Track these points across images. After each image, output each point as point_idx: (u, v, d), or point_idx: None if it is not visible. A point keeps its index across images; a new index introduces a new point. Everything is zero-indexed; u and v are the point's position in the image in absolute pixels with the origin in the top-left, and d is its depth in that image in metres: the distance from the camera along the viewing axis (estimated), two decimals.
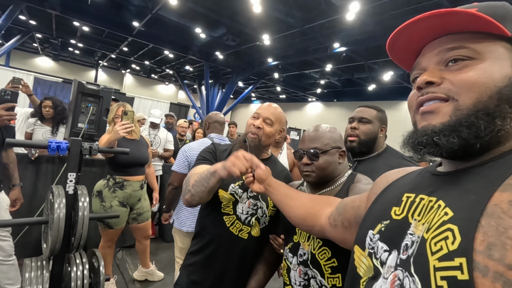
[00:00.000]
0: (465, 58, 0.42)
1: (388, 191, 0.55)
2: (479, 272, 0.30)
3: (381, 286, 0.44)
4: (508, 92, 0.40)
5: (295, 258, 0.95)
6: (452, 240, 0.34)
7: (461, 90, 0.41)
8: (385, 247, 0.47)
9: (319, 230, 0.77)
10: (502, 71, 0.40)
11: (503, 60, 0.41)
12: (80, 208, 1.31)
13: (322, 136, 0.99)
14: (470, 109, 0.40)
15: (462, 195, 0.38)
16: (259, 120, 1.19)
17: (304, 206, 0.81)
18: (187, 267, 1.20)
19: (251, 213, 1.17)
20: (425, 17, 0.43)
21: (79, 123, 1.83)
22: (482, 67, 0.41)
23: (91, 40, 11.98)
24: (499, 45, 0.42)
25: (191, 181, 1.02)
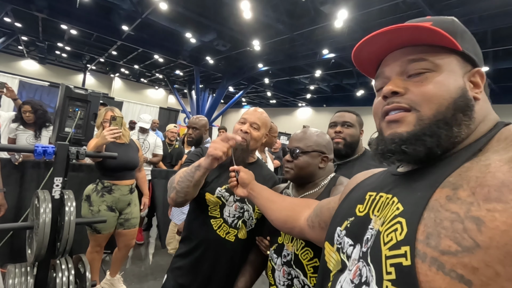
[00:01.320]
0: (425, 70, 0.46)
1: (355, 191, 0.59)
2: (419, 258, 0.35)
3: (345, 277, 0.48)
4: (461, 102, 0.44)
5: (279, 258, 0.98)
6: (400, 231, 0.39)
7: (422, 102, 0.45)
8: (350, 242, 0.51)
9: (298, 232, 0.80)
10: (456, 83, 0.44)
11: (456, 73, 0.45)
12: (67, 213, 1.30)
13: (307, 138, 1.04)
14: (431, 119, 0.44)
15: (411, 192, 0.42)
16: (246, 125, 1.22)
17: (285, 209, 0.85)
18: (174, 271, 1.21)
19: (237, 216, 1.19)
20: (385, 31, 0.46)
21: (66, 128, 1.81)
22: (440, 80, 0.45)
23: (79, 44, 11.81)
24: (452, 58, 0.46)
25: (176, 179, 1.06)
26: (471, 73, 0.46)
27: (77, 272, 1.42)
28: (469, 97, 0.44)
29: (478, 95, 0.46)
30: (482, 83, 0.46)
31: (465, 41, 0.47)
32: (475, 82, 0.46)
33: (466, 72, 0.46)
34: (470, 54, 0.46)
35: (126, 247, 2.18)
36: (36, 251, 1.24)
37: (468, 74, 0.46)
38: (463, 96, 0.44)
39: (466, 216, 0.33)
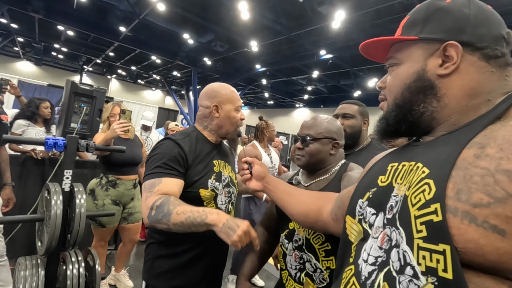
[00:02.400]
0: (393, 64, 0.56)
1: (376, 166, 0.61)
2: (450, 213, 0.37)
3: (371, 245, 0.50)
4: (415, 85, 0.51)
5: (291, 243, 1.00)
6: (429, 191, 0.40)
7: (387, 92, 0.58)
8: (373, 211, 0.53)
9: (321, 226, 0.79)
10: (411, 70, 0.52)
11: (415, 60, 0.52)
12: (77, 205, 1.31)
13: (318, 125, 1.04)
14: (391, 104, 0.56)
15: (436, 156, 0.45)
16: (242, 112, 1.24)
17: (305, 203, 0.83)
18: (161, 275, 1.07)
19: (227, 201, 1.19)
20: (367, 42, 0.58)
21: (72, 123, 1.82)
22: (397, 72, 0.55)
23: (75, 45, 11.76)
24: (414, 47, 0.52)
25: (176, 217, 0.88)
26: (439, 50, 0.49)
27: (86, 265, 1.43)
28: (426, 78, 0.50)
29: (446, 70, 0.48)
30: (456, 55, 0.47)
31: (430, 24, 0.50)
32: (449, 56, 0.48)
33: (433, 53, 0.50)
34: (431, 36, 0.50)
35: (131, 242, 2.20)
36: (47, 242, 1.25)
37: (437, 52, 0.49)
38: (418, 80, 0.51)
39: (497, 170, 0.35)
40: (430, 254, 0.37)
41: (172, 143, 1.07)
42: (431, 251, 0.37)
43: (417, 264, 0.38)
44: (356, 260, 0.53)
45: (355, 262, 0.53)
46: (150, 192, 0.96)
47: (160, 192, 0.95)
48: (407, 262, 0.40)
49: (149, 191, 0.96)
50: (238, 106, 1.20)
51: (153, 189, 0.96)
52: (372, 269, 0.47)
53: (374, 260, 0.47)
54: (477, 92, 0.47)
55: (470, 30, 0.47)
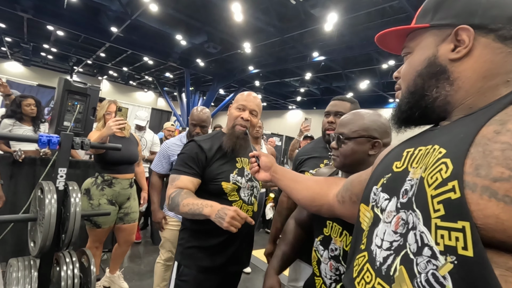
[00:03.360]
0: (407, 54, 0.57)
1: (391, 153, 0.61)
2: (469, 189, 0.36)
3: (384, 230, 0.49)
4: (427, 71, 0.52)
5: (326, 251, 0.93)
6: (445, 170, 0.39)
7: (401, 81, 0.58)
8: (386, 196, 0.52)
9: (327, 209, 0.80)
10: (422, 57, 0.53)
11: (426, 47, 0.52)
12: (72, 204, 1.27)
13: (353, 123, 0.93)
14: (405, 92, 0.56)
15: (453, 137, 0.44)
16: (246, 113, 1.26)
17: (311, 188, 0.85)
18: (194, 256, 1.22)
19: (250, 193, 1.32)
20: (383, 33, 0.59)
21: (65, 122, 1.78)
22: (409, 60, 0.56)
23: (65, 45, 11.57)
24: (425, 35, 0.53)
25: (182, 208, 1.09)
26: (451, 36, 0.49)
27: (81, 265, 1.40)
28: (437, 63, 0.50)
29: (457, 54, 0.48)
30: (468, 38, 0.47)
31: (441, 10, 0.51)
32: (461, 40, 0.48)
33: (445, 38, 0.50)
34: (442, 22, 0.50)
35: (126, 243, 2.14)
36: (41, 243, 1.21)
37: (449, 38, 0.49)
38: (429, 66, 0.51)
39: None
40: (448, 233, 0.36)
41: (194, 145, 1.24)
42: (450, 229, 0.36)
43: (435, 244, 0.38)
44: (369, 247, 0.52)
45: (368, 248, 0.52)
46: (171, 185, 1.19)
47: (177, 186, 1.17)
48: (425, 243, 0.39)
49: (170, 184, 1.19)
50: (239, 104, 1.28)
51: (173, 183, 1.18)
52: (387, 254, 0.46)
53: (389, 245, 0.46)
54: (493, 74, 0.46)
55: (482, 13, 0.47)
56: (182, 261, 1.24)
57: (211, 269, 1.22)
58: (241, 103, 1.27)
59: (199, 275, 1.20)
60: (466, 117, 0.47)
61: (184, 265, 1.23)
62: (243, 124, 1.25)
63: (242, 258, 1.30)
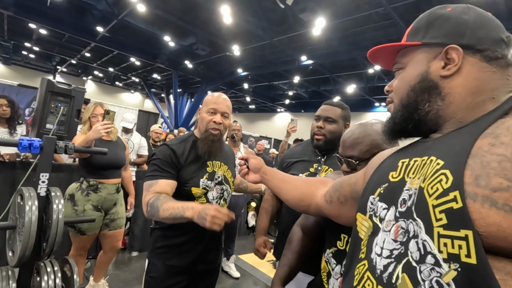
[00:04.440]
0: (399, 69, 0.60)
1: (385, 163, 0.62)
2: (470, 199, 0.38)
3: (384, 239, 0.50)
4: (419, 86, 0.54)
5: (339, 266, 0.88)
6: (446, 180, 0.41)
7: (393, 95, 0.61)
8: (384, 206, 0.53)
9: (315, 209, 0.82)
10: (415, 72, 0.55)
11: (418, 63, 0.55)
12: (54, 211, 1.22)
13: (361, 142, 0.88)
14: (398, 105, 0.58)
15: (449, 148, 0.46)
16: (218, 116, 1.26)
17: (300, 188, 0.86)
18: (161, 255, 1.24)
19: (219, 197, 1.32)
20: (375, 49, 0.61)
21: (48, 124, 1.71)
22: (401, 76, 0.58)
23: (48, 44, 11.24)
24: (417, 52, 0.56)
25: (162, 213, 1.06)
26: (442, 54, 0.52)
27: (63, 275, 1.34)
28: (429, 79, 0.53)
29: (448, 71, 0.51)
30: (458, 57, 0.50)
31: (431, 30, 0.54)
32: (450, 58, 0.51)
33: (436, 56, 0.53)
34: (432, 40, 0.53)
35: (112, 250, 2.06)
36: (20, 252, 1.15)
37: (439, 56, 0.52)
38: (422, 81, 0.54)
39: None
40: (451, 241, 0.38)
41: (166, 148, 1.23)
42: (453, 238, 0.38)
43: (439, 252, 0.39)
44: (369, 255, 0.52)
45: (368, 257, 0.53)
46: (148, 191, 1.16)
47: (155, 191, 1.14)
48: (428, 251, 0.41)
49: (147, 190, 1.16)
50: (210, 108, 1.25)
51: (150, 189, 1.16)
52: (387, 262, 0.47)
53: (389, 253, 0.48)
54: (480, 90, 0.49)
55: (470, 34, 0.51)
56: (151, 259, 1.27)
57: (177, 268, 1.23)
58: (211, 106, 1.25)
59: (165, 274, 1.23)
60: (458, 130, 0.49)
61: (152, 263, 1.26)
62: (215, 128, 1.25)
63: (209, 258, 1.32)
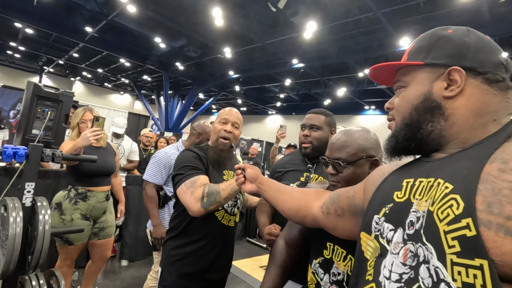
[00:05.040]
0: (400, 87, 0.60)
1: (387, 181, 0.62)
2: (484, 226, 0.37)
3: (392, 261, 0.49)
4: (423, 105, 0.54)
5: (327, 275, 0.88)
6: (457, 206, 0.41)
7: (395, 113, 0.61)
8: (390, 227, 0.53)
9: (311, 220, 0.82)
10: (418, 92, 0.55)
11: (421, 83, 0.55)
12: (41, 222, 1.17)
13: (349, 145, 0.90)
14: (400, 123, 0.59)
15: (456, 172, 0.45)
16: (229, 125, 1.35)
17: (296, 199, 0.87)
18: (175, 263, 1.27)
19: (233, 205, 1.38)
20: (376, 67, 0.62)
21: (34, 129, 1.65)
22: (403, 94, 0.58)
23: (35, 44, 10.95)
24: (419, 71, 0.56)
25: (223, 193, 1.16)
26: (444, 75, 0.53)
27: None
28: (432, 99, 0.53)
29: (451, 92, 0.52)
30: (460, 79, 0.51)
31: (434, 50, 0.55)
32: (453, 80, 0.52)
33: (438, 76, 0.53)
34: (435, 61, 0.54)
35: (101, 259, 1.99)
36: (3, 266, 1.10)
37: (442, 76, 0.53)
38: (425, 101, 0.54)
39: None
40: (466, 270, 0.37)
41: (190, 152, 1.31)
42: (467, 266, 0.37)
43: (452, 280, 0.38)
44: (377, 277, 0.52)
45: (376, 279, 0.52)
46: (193, 187, 1.18)
47: (202, 184, 1.20)
48: (441, 278, 0.40)
49: (193, 187, 1.19)
50: (222, 118, 1.36)
51: (195, 184, 1.19)
52: (397, 286, 0.46)
53: (398, 277, 0.47)
54: (482, 112, 0.50)
55: (472, 56, 0.51)
56: (164, 267, 1.29)
57: (191, 275, 1.26)
58: (223, 117, 1.36)
59: (179, 281, 1.25)
60: (462, 151, 0.49)
61: (166, 271, 1.28)
62: (226, 136, 1.33)
63: (222, 265, 1.36)
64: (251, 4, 6.62)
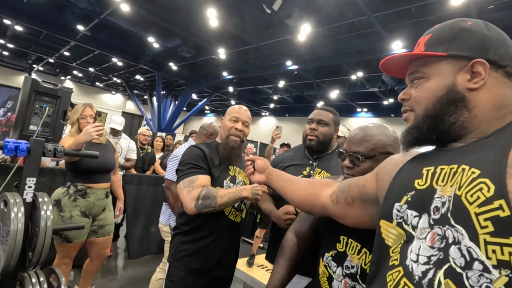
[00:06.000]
0: (419, 78, 0.59)
1: (404, 170, 0.63)
2: None
3: (419, 246, 0.50)
4: (447, 97, 0.55)
5: (340, 268, 0.89)
6: (487, 189, 0.42)
7: (415, 104, 0.60)
8: (415, 213, 0.54)
9: (320, 208, 0.84)
10: (441, 83, 0.56)
11: (444, 74, 0.56)
12: (42, 218, 1.15)
13: (368, 140, 0.91)
14: (421, 115, 0.58)
15: (481, 159, 0.47)
16: (240, 124, 1.37)
17: (305, 188, 0.89)
18: (184, 259, 1.27)
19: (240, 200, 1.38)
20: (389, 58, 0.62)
21: (31, 125, 1.62)
22: (425, 85, 0.58)
23: (24, 41, 10.72)
24: (442, 63, 0.56)
25: (220, 199, 1.18)
26: (467, 67, 0.53)
27: (49, 286, 1.26)
28: (457, 91, 0.54)
29: (475, 85, 0.53)
30: (484, 71, 0.52)
31: (456, 42, 0.55)
32: (476, 72, 0.53)
33: (461, 68, 0.54)
34: (459, 53, 0.54)
35: (100, 258, 1.96)
36: (4, 263, 1.07)
37: (465, 68, 0.54)
38: (449, 92, 0.55)
39: None
40: (500, 248, 0.39)
41: (195, 148, 1.33)
42: (502, 245, 0.39)
43: (487, 258, 0.40)
44: (404, 262, 0.52)
45: (402, 263, 0.53)
46: (191, 187, 1.19)
47: (200, 185, 1.20)
48: (474, 257, 0.41)
49: (190, 186, 1.20)
50: (233, 116, 1.37)
51: (193, 184, 1.20)
52: (426, 268, 0.48)
53: (426, 260, 0.48)
54: (503, 104, 0.52)
55: (494, 50, 0.53)
56: (172, 263, 1.29)
57: (199, 271, 1.26)
58: (234, 115, 1.37)
59: (186, 277, 1.25)
60: (482, 140, 0.51)
61: (174, 266, 1.28)
62: (236, 134, 1.35)
63: (228, 262, 1.36)
64: (246, 6, 6.65)
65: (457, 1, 5.04)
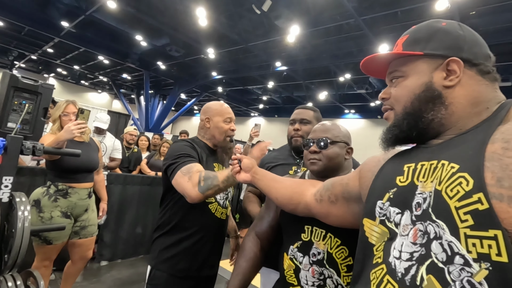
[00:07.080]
0: (398, 77, 0.61)
1: (386, 168, 0.64)
2: (496, 199, 0.40)
3: (401, 243, 0.51)
4: (424, 94, 0.56)
5: (307, 257, 0.92)
6: (466, 183, 0.43)
7: (394, 102, 0.62)
8: (397, 210, 0.54)
9: (303, 207, 0.85)
10: (419, 81, 0.57)
11: (421, 73, 0.57)
12: (19, 219, 1.10)
13: (334, 129, 1.02)
14: (401, 113, 0.60)
15: (460, 153, 0.48)
16: (233, 124, 1.41)
17: (290, 187, 0.90)
18: (167, 261, 1.23)
19: (225, 197, 1.38)
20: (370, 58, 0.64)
21: (9, 123, 1.56)
22: (404, 84, 0.59)
23: (5, 37, 10.34)
24: (419, 62, 0.58)
25: (220, 176, 1.13)
26: (443, 65, 0.55)
27: None
28: (434, 88, 0.56)
29: (451, 82, 0.54)
30: (459, 69, 0.54)
31: (432, 42, 0.57)
32: (451, 70, 0.54)
33: (438, 67, 0.56)
34: (435, 52, 0.56)
35: (82, 260, 1.89)
36: None
37: (441, 66, 0.56)
38: (427, 90, 0.56)
39: None
40: (480, 241, 0.39)
41: (185, 142, 1.31)
42: (481, 238, 0.39)
43: (467, 252, 0.40)
44: (387, 259, 0.53)
45: (386, 261, 0.53)
46: (190, 173, 1.16)
47: (198, 170, 1.18)
48: (455, 252, 0.42)
49: (189, 173, 1.16)
50: (227, 117, 1.38)
51: (192, 170, 1.17)
52: (408, 264, 0.48)
53: (409, 256, 0.48)
54: (478, 101, 0.53)
55: (468, 49, 0.55)
56: (156, 265, 1.25)
57: (185, 271, 1.24)
58: (228, 116, 1.39)
59: (170, 279, 1.22)
60: (460, 136, 0.52)
61: (157, 269, 1.24)
62: (232, 135, 1.39)
63: (213, 261, 1.35)
64: (236, 6, 6.64)
65: (441, 6, 5.19)
